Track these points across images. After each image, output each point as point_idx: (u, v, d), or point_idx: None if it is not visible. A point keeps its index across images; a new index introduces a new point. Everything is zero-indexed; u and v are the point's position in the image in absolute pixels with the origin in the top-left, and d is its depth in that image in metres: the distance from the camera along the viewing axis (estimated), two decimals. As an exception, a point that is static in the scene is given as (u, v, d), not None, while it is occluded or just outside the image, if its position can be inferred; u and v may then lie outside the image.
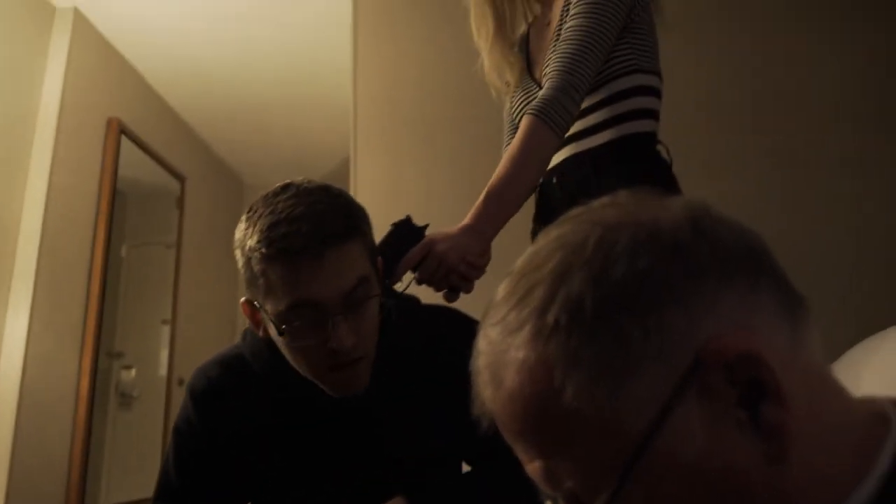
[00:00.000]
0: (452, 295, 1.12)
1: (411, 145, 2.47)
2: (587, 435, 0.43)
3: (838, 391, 0.47)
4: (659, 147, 1.30)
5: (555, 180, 1.32)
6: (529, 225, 1.47)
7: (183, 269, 3.99)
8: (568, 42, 1.19)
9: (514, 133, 1.33)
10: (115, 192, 3.28)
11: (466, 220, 1.12)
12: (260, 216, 0.89)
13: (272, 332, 0.92)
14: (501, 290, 0.49)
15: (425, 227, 1.12)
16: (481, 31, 1.42)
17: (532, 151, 1.15)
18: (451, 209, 1.24)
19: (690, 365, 0.41)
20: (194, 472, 1.05)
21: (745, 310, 0.43)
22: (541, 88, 1.23)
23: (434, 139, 2.39)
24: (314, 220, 0.87)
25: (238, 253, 0.92)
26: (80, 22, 3.08)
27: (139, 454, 3.57)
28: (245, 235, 0.90)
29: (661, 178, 1.27)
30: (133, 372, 3.71)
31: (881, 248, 2.28)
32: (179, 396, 1.10)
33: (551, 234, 0.49)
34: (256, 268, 0.88)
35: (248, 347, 1.04)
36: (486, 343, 0.48)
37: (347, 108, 2.64)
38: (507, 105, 1.47)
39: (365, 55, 2.60)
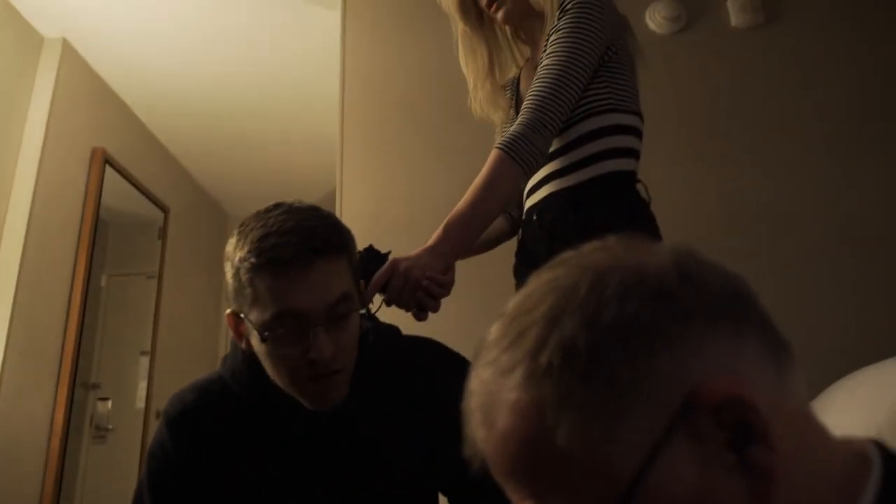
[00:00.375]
0: (421, 314, 1.14)
1: (397, 181, 2.49)
2: (579, 476, 0.43)
3: (822, 432, 0.48)
4: (638, 186, 1.32)
5: (535, 217, 1.34)
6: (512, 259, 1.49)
7: (164, 300, 3.95)
8: (540, 80, 1.23)
9: None
10: (97, 222, 3.26)
11: (428, 242, 1.16)
12: (251, 229, 0.93)
13: (255, 341, 0.94)
14: (493, 332, 0.49)
15: (388, 253, 1.16)
16: (470, 67, 1.47)
17: (495, 183, 1.18)
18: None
19: (679, 408, 0.42)
20: (168, 498, 1.03)
21: (732, 354, 0.44)
22: None
23: (419, 175, 2.41)
24: (304, 233, 0.91)
25: (227, 265, 0.95)
26: (69, 52, 3.10)
27: (113, 488, 3.48)
28: (236, 248, 0.93)
29: (638, 217, 1.29)
30: (109, 404, 3.65)
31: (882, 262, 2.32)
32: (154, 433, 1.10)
33: (543, 277, 0.50)
34: (245, 277, 0.91)
35: (228, 369, 1.06)
36: (479, 384, 0.48)
37: (332, 143, 2.66)
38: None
39: (352, 92, 2.63)
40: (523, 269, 1.37)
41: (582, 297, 0.45)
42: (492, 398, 0.46)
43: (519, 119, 1.21)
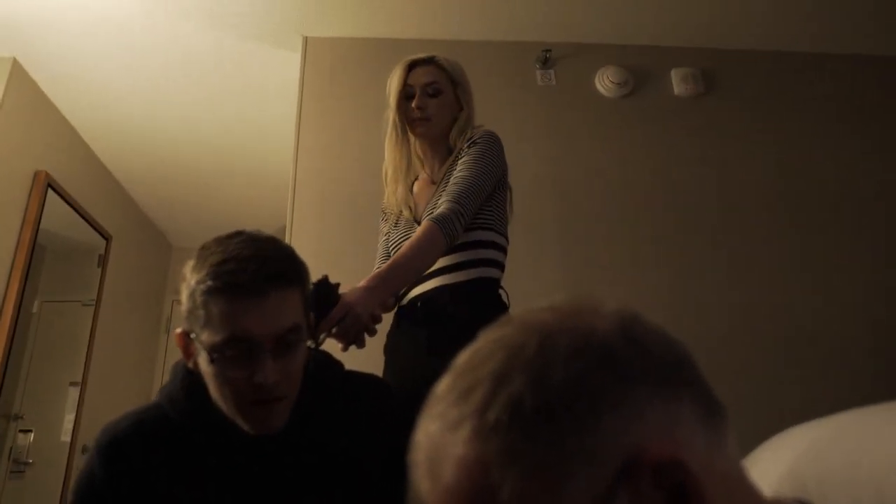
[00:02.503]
0: (348, 347, 1.27)
1: (347, 222, 2.50)
2: None
3: (753, 492, 0.50)
4: (501, 291, 1.59)
5: (419, 304, 1.54)
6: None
7: (100, 329, 3.81)
8: (457, 184, 1.51)
9: (386, 259, 1.66)
10: (34, 246, 3.16)
11: (369, 281, 1.32)
12: (211, 253, 0.96)
13: (202, 362, 0.96)
14: (442, 386, 0.50)
15: (338, 285, 1.26)
16: (392, 156, 1.68)
17: (427, 247, 1.41)
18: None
19: (620, 469, 0.43)
20: None
21: (671, 417, 0.46)
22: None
23: (369, 217, 2.43)
24: (261, 262, 0.94)
25: (183, 286, 0.97)
26: (18, 72, 3.04)
27: (29, 528, 3.30)
28: (193, 270, 0.96)
29: (499, 315, 1.46)
30: (31, 436, 3.47)
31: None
32: (82, 464, 1.06)
33: (493, 334, 0.51)
34: (199, 299, 0.93)
35: (166, 396, 1.06)
36: (426, 437, 0.49)
37: (284, 179, 2.66)
38: (383, 237, 1.72)
39: (307, 131, 2.65)
40: (399, 348, 1.57)
41: (530, 357, 0.46)
42: (438, 452, 0.47)
43: (444, 206, 1.46)
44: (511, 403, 0.45)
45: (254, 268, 0.93)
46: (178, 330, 1.00)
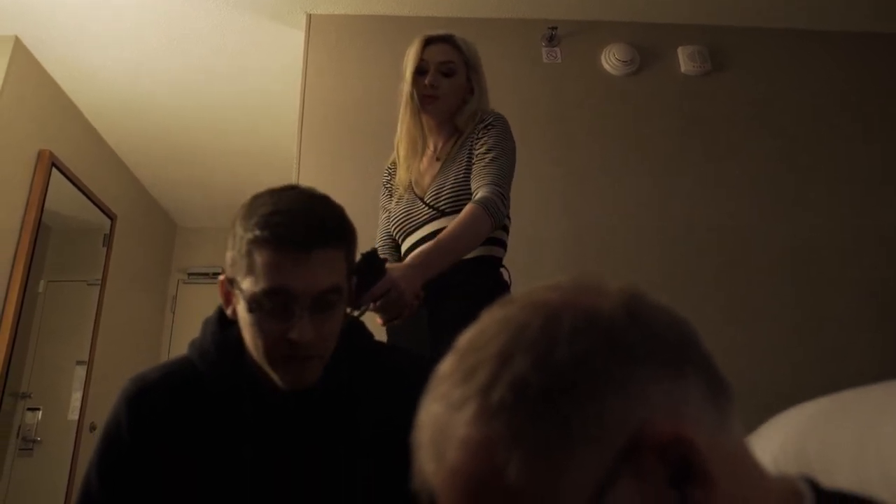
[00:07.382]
0: (388, 322, 1.31)
1: (352, 199, 2.49)
2: None
3: (757, 469, 0.50)
4: (503, 270, 1.61)
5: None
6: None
7: (105, 308, 3.83)
8: (490, 166, 1.53)
9: (387, 236, 1.72)
10: (39, 225, 3.16)
11: (414, 259, 1.35)
12: (262, 204, 0.96)
13: (241, 310, 0.97)
14: (446, 366, 0.50)
15: (385, 261, 1.28)
16: (407, 132, 1.68)
17: (475, 228, 1.44)
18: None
19: (625, 447, 0.43)
20: (118, 481, 1.00)
21: (676, 396, 0.45)
22: (423, 203, 1.61)
23: (376, 195, 2.43)
24: (310, 218, 0.95)
25: (231, 233, 0.98)
26: (20, 51, 3.02)
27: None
28: (243, 217, 0.96)
29: (500, 294, 1.51)
30: (39, 414, 3.50)
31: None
32: (89, 442, 1.07)
33: (497, 314, 0.50)
34: (245, 248, 0.94)
35: (196, 350, 1.06)
36: (430, 417, 0.49)
37: (289, 158, 2.66)
38: (385, 213, 1.73)
39: (311, 110, 2.63)
40: (401, 327, 1.54)
41: (534, 337, 0.46)
42: (442, 433, 0.47)
43: (485, 190, 1.49)
44: (515, 383, 0.44)
45: (302, 223, 0.93)
46: (222, 277, 1.01)
